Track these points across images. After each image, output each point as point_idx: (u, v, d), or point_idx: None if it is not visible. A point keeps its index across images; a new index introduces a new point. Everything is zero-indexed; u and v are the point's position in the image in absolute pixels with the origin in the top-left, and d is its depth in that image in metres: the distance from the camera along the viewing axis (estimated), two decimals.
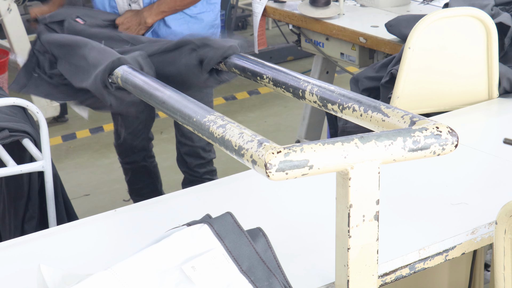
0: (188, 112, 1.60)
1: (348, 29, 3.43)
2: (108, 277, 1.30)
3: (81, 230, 1.74)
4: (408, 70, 2.34)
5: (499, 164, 2.01)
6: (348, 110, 1.61)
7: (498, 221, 1.45)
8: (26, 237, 1.72)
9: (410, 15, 3.25)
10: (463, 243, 1.65)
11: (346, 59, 3.56)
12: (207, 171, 3.27)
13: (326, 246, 1.57)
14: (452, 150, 1.37)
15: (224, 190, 1.90)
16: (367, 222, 1.36)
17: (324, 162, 1.27)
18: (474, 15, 2.35)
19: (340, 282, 1.40)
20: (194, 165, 3.22)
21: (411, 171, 1.93)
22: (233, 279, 1.34)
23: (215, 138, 1.44)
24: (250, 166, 1.30)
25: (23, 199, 2.51)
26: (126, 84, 2.04)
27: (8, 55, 4.87)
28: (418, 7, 3.74)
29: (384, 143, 1.32)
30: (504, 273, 1.47)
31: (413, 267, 1.60)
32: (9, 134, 2.38)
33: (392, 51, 3.17)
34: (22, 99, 2.38)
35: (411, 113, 1.46)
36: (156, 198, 1.87)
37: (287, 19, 3.76)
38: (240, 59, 2.24)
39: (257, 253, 1.38)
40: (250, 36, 6.66)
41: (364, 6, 3.79)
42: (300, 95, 1.83)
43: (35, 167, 2.35)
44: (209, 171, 3.28)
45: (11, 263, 1.60)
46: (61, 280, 1.34)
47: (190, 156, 3.26)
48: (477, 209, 1.75)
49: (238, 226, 1.40)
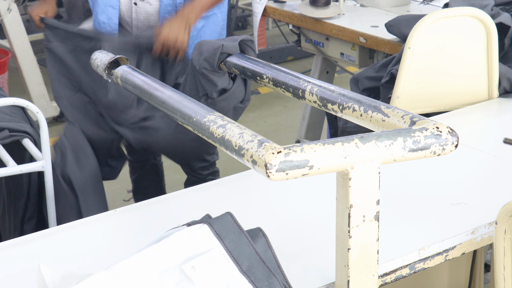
0: (188, 112, 1.60)
1: (348, 29, 3.43)
2: (108, 277, 1.30)
3: (81, 230, 1.74)
4: (408, 70, 2.34)
5: (499, 164, 2.01)
6: (348, 110, 1.61)
7: (498, 221, 1.45)
8: (26, 237, 1.72)
9: (410, 15, 3.25)
10: (463, 243, 1.65)
11: (346, 59, 3.56)
12: (211, 172, 3.26)
13: (326, 246, 1.57)
14: (452, 150, 1.37)
15: (224, 190, 1.90)
16: (368, 222, 1.36)
17: (324, 162, 1.27)
18: (474, 15, 2.35)
19: (341, 282, 1.40)
20: (198, 167, 3.21)
21: (411, 171, 1.93)
22: (233, 279, 1.34)
23: (215, 138, 1.44)
24: (250, 166, 1.30)
25: (22, 199, 2.51)
26: (126, 84, 2.04)
27: (8, 55, 4.87)
28: (418, 7, 3.74)
29: (384, 143, 1.32)
30: (504, 273, 1.47)
31: (413, 267, 1.60)
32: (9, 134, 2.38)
33: (392, 51, 3.17)
34: (22, 99, 2.38)
35: (411, 113, 1.46)
36: (156, 198, 1.87)
37: (287, 19, 3.76)
38: (240, 59, 2.24)
39: (257, 253, 1.38)
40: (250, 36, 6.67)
41: (364, 6, 3.79)
42: (300, 95, 1.83)
43: (35, 167, 2.35)
44: (212, 172, 3.27)
45: (11, 263, 1.60)
46: (61, 280, 1.34)
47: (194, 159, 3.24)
48: (477, 209, 1.75)
49: (238, 226, 1.40)
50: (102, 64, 2.15)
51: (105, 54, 2.18)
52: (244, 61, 2.19)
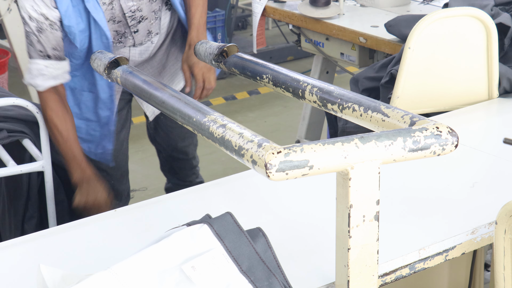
0: (188, 112, 1.60)
1: (348, 29, 3.43)
2: (108, 277, 1.30)
3: (81, 230, 1.74)
4: (408, 70, 2.34)
5: (499, 164, 2.01)
6: (348, 110, 1.61)
7: (498, 221, 1.45)
8: (26, 237, 1.72)
9: (410, 15, 3.25)
10: (463, 243, 1.65)
11: (346, 59, 3.56)
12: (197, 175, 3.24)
13: (326, 246, 1.57)
14: (452, 150, 1.37)
15: (224, 190, 1.90)
16: (367, 222, 1.36)
17: (324, 162, 1.27)
18: (474, 15, 2.35)
19: (341, 282, 1.40)
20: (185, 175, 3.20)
21: (411, 171, 1.93)
22: (233, 279, 1.34)
23: (215, 138, 1.44)
24: (250, 166, 1.30)
25: (22, 199, 2.52)
26: (125, 84, 2.04)
27: (8, 55, 4.87)
28: (418, 7, 3.74)
29: (384, 143, 1.32)
30: (504, 273, 1.47)
31: (413, 267, 1.60)
32: (8, 135, 2.38)
33: (392, 51, 3.17)
34: (22, 99, 2.38)
35: (411, 113, 1.45)
36: (156, 198, 1.87)
37: (287, 19, 3.76)
38: (240, 59, 2.24)
39: (257, 253, 1.38)
40: (250, 36, 6.66)
41: (364, 6, 3.79)
42: (300, 95, 1.83)
43: (35, 167, 2.35)
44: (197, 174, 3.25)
45: (11, 263, 1.60)
46: (61, 280, 1.34)
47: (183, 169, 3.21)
48: (477, 209, 1.75)
49: (238, 226, 1.40)
50: (102, 64, 2.15)
51: (105, 54, 2.18)
52: (244, 61, 2.19)
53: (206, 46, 2.41)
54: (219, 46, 2.29)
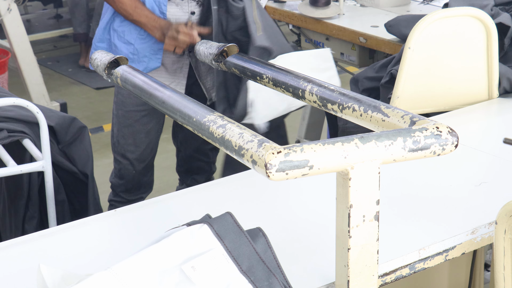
0: (188, 112, 1.60)
1: (348, 29, 3.43)
2: (108, 277, 1.30)
3: (81, 230, 1.74)
4: (408, 70, 2.34)
5: (499, 164, 2.01)
6: (348, 110, 1.61)
7: (498, 221, 1.45)
8: (26, 237, 1.72)
9: (409, 15, 3.25)
10: (463, 243, 1.65)
11: (346, 59, 3.56)
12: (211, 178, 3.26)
13: (326, 246, 1.57)
14: (452, 150, 1.37)
15: (224, 190, 1.90)
16: (367, 222, 1.36)
17: (324, 162, 1.27)
18: (474, 15, 2.35)
19: (340, 282, 1.40)
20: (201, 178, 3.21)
21: (411, 171, 1.93)
22: (233, 279, 1.34)
23: (215, 138, 1.44)
24: (250, 166, 1.30)
25: (23, 199, 2.51)
26: (125, 84, 2.04)
27: (8, 55, 4.87)
28: (418, 7, 3.74)
29: (384, 143, 1.32)
30: (504, 273, 1.47)
31: (413, 267, 1.60)
32: (8, 135, 2.38)
33: (392, 51, 3.17)
34: (22, 99, 2.38)
35: (411, 113, 1.46)
36: (156, 198, 1.87)
37: (287, 19, 3.76)
38: (240, 59, 2.24)
39: (257, 253, 1.38)
40: None
41: (364, 6, 3.79)
42: (300, 95, 1.83)
43: (35, 167, 2.35)
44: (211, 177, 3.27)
45: (11, 263, 1.60)
46: (61, 280, 1.34)
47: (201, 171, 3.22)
48: (477, 209, 1.75)
49: (238, 226, 1.40)
50: (102, 64, 2.15)
51: (105, 54, 2.18)
52: (244, 61, 2.19)
53: (206, 46, 2.42)
54: (219, 46, 2.30)
